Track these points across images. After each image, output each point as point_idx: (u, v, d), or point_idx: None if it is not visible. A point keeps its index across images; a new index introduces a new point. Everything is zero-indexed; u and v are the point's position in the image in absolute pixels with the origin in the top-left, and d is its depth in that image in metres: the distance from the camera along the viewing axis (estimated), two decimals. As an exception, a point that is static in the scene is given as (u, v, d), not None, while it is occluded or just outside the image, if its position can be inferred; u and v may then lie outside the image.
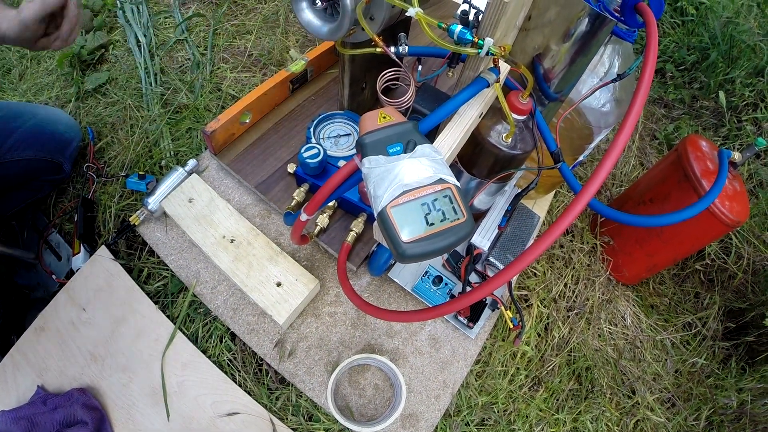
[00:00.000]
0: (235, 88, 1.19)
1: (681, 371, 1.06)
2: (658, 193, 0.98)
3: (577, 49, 0.65)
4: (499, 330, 0.92)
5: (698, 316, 1.14)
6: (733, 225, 0.87)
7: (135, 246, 0.93)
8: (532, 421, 0.88)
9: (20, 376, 0.77)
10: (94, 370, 0.78)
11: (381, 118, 0.51)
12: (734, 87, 1.51)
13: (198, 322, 0.84)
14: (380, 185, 0.45)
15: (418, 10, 0.51)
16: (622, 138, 0.42)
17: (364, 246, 0.83)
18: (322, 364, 0.79)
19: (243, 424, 0.75)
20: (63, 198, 1.03)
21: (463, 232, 0.45)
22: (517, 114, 0.62)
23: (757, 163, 1.39)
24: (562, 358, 0.97)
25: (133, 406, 0.75)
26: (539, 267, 1.04)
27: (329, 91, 1.06)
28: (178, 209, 0.86)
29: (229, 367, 0.81)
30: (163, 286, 0.88)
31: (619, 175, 1.32)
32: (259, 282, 0.79)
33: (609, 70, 0.76)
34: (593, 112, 0.81)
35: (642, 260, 1.06)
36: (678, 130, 1.44)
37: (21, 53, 1.30)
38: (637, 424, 0.96)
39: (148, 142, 1.06)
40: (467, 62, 0.59)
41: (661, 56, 1.64)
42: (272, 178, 0.90)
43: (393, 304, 0.86)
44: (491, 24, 0.52)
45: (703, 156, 0.91)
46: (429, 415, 0.77)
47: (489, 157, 0.68)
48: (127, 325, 0.81)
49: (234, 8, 1.42)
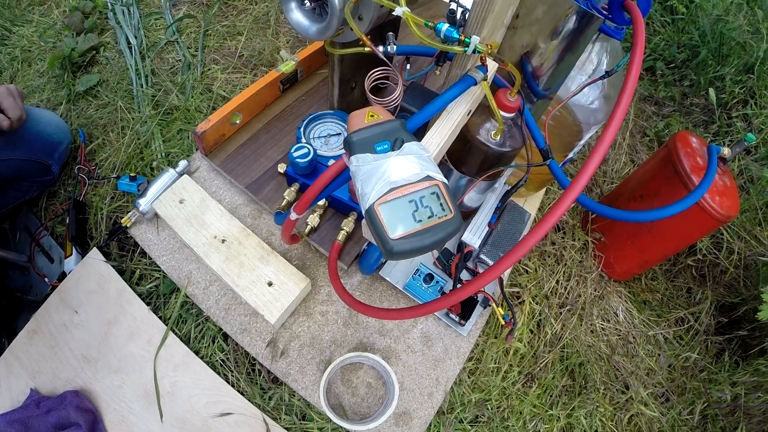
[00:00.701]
0: (226, 89, 1.19)
1: (674, 366, 1.06)
2: (649, 190, 0.99)
3: (565, 47, 0.66)
4: (492, 327, 0.92)
5: (691, 311, 1.15)
6: (724, 220, 0.88)
7: (127, 247, 0.93)
8: (526, 418, 0.89)
9: (13, 380, 0.77)
10: (87, 372, 0.78)
11: (369, 117, 0.51)
12: (724, 84, 1.52)
13: (190, 322, 0.84)
14: (368, 183, 0.45)
15: (405, 9, 0.51)
16: (609, 133, 0.43)
17: (354, 245, 0.84)
18: (315, 363, 0.79)
19: (236, 424, 0.75)
20: (54, 200, 1.03)
21: (451, 228, 0.45)
22: (505, 111, 0.62)
23: (748, 159, 1.40)
24: (555, 355, 0.97)
25: (127, 408, 0.75)
26: (531, 264, 1.04)
27: (319, 91, 1.06)
28: (170, 210, 0.86)
29: (221, 367, 0.81)
30: (155, 287, 0.88)
31: (610, 173, 1.33)
32: (251, 282, 0.79)
33: (597, 67, 0.76)
34: (582, 109, 0.82)
35: (633, 256, 1.07)
36: (668, 127, 1.45)
37: (12, 55, 1.30)
38: (631, 419, 0.97)
39: (139, 144, 1.06)
40: (454, 60, 0.59)
41: (652, 54, 1.65)
42: (263, 178, 0.90)
43: (384, 303, 0.86)
44: (478, 22, 0.52)
45: (693, 152, 0.91)
46: (422, 413, 0.78)
47: (478, 155, 0.68)
48: (119, 326, 0.81)
49: (225, 9, 1.42)
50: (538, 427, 0.89)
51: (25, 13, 1.43)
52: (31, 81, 1.24)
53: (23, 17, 1.41)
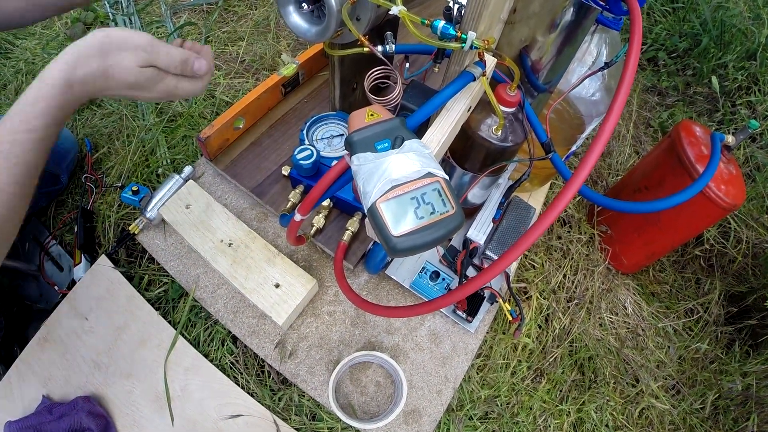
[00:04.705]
0: (229, 94, 1.19)
1: (684, 357, 1.06)
2: (653, 180, 0.99)
3: (564, 39, 0.66)
4: (499, 323, 0.92)
5: (700, 301, 1.14)
6: (730, 208, 0.87)
7: (135, 254, 0.94)
8: (536, 413, 0.88)
9: (25, 387, 0.78)
10: (98, 377, 0.78)
11: (369, 116, 0.51)
12: (727, 72, 1.51)
13: (199, 326, 0.85)
14: (369, 181, 0.45)
15: (402, 8, 0.52)
16: (609, 123, 0.43)
17: (360, 244, 0.84)
18: (323, 364, 0.79)
19: (247, 425, 0.75)
20: (62, 209, 1.04)
21: (453, 224, 0.45)
22: (505, 106, 0.63)
23: (753, 147, 1.39)
24: (564, 349, 0.97)
25: (138, 412, 0.76)
26: (537, 259, 1.04)
27: (321, 93, 1.07)
28: (176, 216, 0.87)
29: (231, 369, 0.82)
30: (163, 293, 0.89)
31: (614, 165, 1.32)
32: (258, 284, 0.80)
33: (597, 59, 0.76)
34: (583, 101, 0.81)
35: (640, 248, 1.06)
36: (672, 117, 1.44)
37: (16, 68, 1.31)
38: (642, 412, 0.96)
39: (144, 151, 1.07)
40: (452, 57, 0.60)
41: (654, 44, 1.64)
42: (267, 181, 0.91)
43: (391, 301, 0.86)
44: (474, 18, 0.52)
45: (697, 141, 0.91)
46: (431, 410, 0.78)
47: (480, 151, 0.69)
48: (129, 332, 0.82)
49: (225, 15, 1.43)
50: (548, 423, 0.89)
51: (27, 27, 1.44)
52: (36, 92, 1.25)
53: (26, 30, 1.43)
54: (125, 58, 0.47)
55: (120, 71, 0.47)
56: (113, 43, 0.46)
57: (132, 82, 0.48)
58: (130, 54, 0.47)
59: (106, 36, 0.46)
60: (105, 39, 0.46)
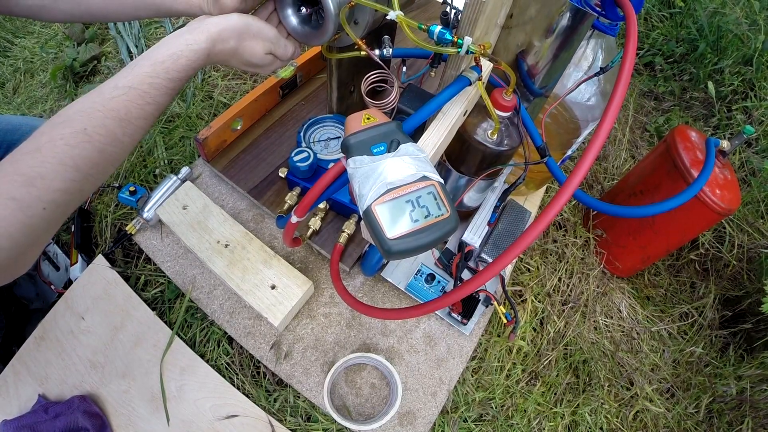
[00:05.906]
0: (227, 96, 1.20)
1: (679, 361, 1.06)
2: (649, 185, 0.99)
3: (560, 45, 0.66)
4: (494, 326, 0.93)
5: (694, 305, 1.14)
6: (725, 213, 0.88)
7: (132, 254, 0.94)
8: (531, 416, 0.89)
9: (21, 386, 0.78)
10: (94, 377, 0.79)
11: (365, 120, 0.52)
12: (723, 77, 1.52)
13: (195, 327, 0.85)
14: (365, 184, 0.45)
15: (399, 12, 0.52)
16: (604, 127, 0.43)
17: (356, 247, 0.84)
18: (319, 365, 0.79)
19: (242, 426, 0.76)
20: (59, 209, 1.04)
21: (448, 227, 0.46)
22: (501, 111, 0.63)
23: (749, 152, 1.40)
24: (559, 352, 0.97)
25: (134, 412, 0.76)
26: (533, 262, 1.05)
27: (318, 96, 1.07)
28: (173, 216, 0.87)
29: (227, 370, 0.82)
30: (160, 293, 0.89)
31: (610, 169, 1.33)
32: (254, 285, 0.80)
33: (593, 64, 0.77)
34: (579, 106, 0.82)
35: (636, 252, 1.07)
36: (668, 122, 1.45)
37: (14, 67, 1.32)
38: (636, 415, 0.97)
39: (142, 152, 1.07)
40: (449, 61, 0.60)
41: (650, 49, 1.65)
42: (264, 183, 0.91)
43: (387, 303, 0.86)
44: (470, 23, 0.53)
45: (692, 146, 0.92)
46: (426, 412, 0.78)
47: (476, 154, 0.69)
48: (125, 332, 0.82)
49: (224, 16, 1.43)
50: (542, 425, 0.89)
51: (26, 25, 1.45)
52: (33, 92, 1.25)
53: (24, 29, 1.43)
54: (256, 45, 0.58)
55: (249, 54, 0.58)
56: (250, 31, 0.56)
57: (254, 63, 0.60)
58: (261, 42, 0.58)
59: (245, 24, 0.56)
60: (245, 26, 0.56)
